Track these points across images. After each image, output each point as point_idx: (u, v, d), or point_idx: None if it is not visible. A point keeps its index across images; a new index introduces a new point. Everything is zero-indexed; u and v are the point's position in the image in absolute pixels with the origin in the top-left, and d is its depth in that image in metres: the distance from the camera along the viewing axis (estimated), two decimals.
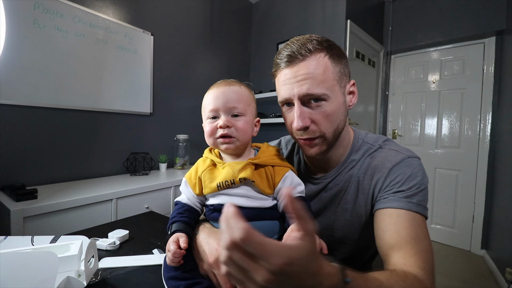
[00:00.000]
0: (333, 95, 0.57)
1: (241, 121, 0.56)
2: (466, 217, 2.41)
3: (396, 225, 0.52)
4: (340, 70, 0.59)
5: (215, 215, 0.57)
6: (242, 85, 0.60)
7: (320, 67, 0.56)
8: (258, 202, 0.55)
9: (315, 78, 0.55)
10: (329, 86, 0.57)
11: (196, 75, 2.32)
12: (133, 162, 1.84)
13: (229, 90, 0.57)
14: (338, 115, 0.59)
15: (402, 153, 0.60)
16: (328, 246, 0.69)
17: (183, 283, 0.50)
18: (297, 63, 0.57)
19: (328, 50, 0.58)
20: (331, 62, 0.57)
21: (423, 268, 0.46)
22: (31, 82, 1.41)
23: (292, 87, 0.57)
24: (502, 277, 1.79)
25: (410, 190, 0.55)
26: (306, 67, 0.56)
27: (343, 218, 0.65)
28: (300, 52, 0.56)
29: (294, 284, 0.30)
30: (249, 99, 0.59)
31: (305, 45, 0.57)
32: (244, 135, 0.57)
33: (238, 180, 0.54)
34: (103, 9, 1.71)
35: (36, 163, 1.45)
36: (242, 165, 0.54)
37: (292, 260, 0.28)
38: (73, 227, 1.17)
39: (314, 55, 0.56)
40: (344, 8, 2.13)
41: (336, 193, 0.66)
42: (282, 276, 0.28)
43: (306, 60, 0.56)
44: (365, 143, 0.66)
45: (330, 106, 0.58)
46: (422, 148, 2.68)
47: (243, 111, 0.57)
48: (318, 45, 0.57)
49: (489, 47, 2.30)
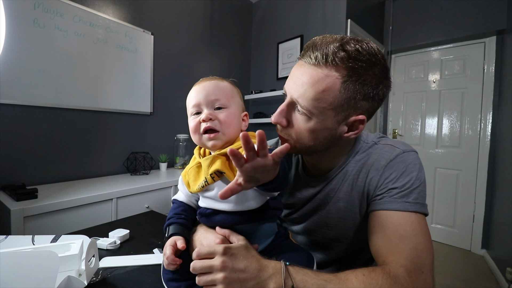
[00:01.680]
0: (320, 117, 0.52)
1: (224, 113, 0.54)
2: (466, 216, 2.41)
3: (383, 226, 0.52)
4: (351, 99, 0.50)
5: (203, 220, 0.57)
6: (225, 80, 0.59)
7: (323, 85, 0.49)
8: (243, 206, 0.52)
9: (310, 92, 0.50)
10: (320, 107, 0.51)
11: (196, 74, 2.32)
12: (133, 162, 1.84)
13: (209, 84, 0.56)
14: (317, 136, 0.54)
15: (398, 148, 0.58)
16: (323, 244, 0.70)
17: (184, 284, 0.50)
18: (309, 65, 0.51)
19: (350, 71, 0.48)
20: (342, 86, 0.49)
21: (402, 265, 0.45)
22: (31, 82, 1.41)
23: (291, 85, 0.55)
24: (503, 276, 1.79)
25: (404, 187, 0.53)
26: (311, 76, 0.50)
27: (337, 216, 0.64)
28: (318, 56, 0.49)
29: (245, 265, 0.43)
30: (232, 92, 0.58)
31: (327, 54, 0.49)
32: (228, 127, 0.54)
33: (210, 177, 0.50)
34: (103, 8, 1.71)
35: (36, 163, 1.45)
36: (211, 158, 0.51)
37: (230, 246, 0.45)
38: (74, 227, 1.17)
39: (328, 69, 0.49)
40: (345, 8, 2.13)
41: (329, 191, 0.65)
42: (229, 257, 0.43)
43: (318, 68, 0.50)
44: (363, 143, 0.65)
45: (311, 124, 0.53)
46: (423, 148, 2.68)
47: (226, 103, 0.55)
48: (341, 60, 0.48)
49: (489, 47, 2.29)
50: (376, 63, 0.50)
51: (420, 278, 0.45)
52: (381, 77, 0.51)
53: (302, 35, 2.40)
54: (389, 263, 0.46)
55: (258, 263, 0.44)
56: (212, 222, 0.54)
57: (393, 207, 0.52)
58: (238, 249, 0.45)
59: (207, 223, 0.56)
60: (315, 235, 0.70)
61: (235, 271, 0.42)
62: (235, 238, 0.49)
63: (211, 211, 0.54)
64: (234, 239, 0.49)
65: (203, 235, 0.54)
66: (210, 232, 0.53)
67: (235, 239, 0.48)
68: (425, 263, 0.46)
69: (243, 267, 0.43)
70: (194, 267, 0.44)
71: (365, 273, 0.44)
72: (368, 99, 0.51)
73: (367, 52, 0.49)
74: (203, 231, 0.55)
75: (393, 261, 0.46)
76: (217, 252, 0.43)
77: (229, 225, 0.53)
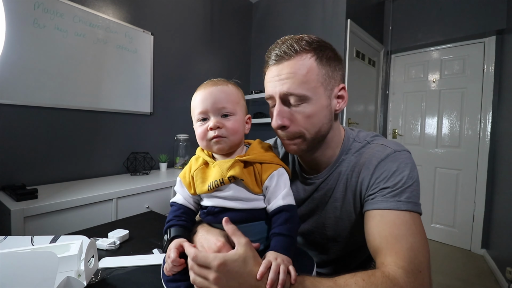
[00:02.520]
0: (315, 97, 0.56)
1: (231, 121, 0.56)
2: (466, 216, 2.41)
3: (378, 226, 0.52)
4: (327, 72, 0.58)
5: (209, 218, 0.57)
6: (230, 83, 0.59)
7: (304, 68, 0.55)
8: (251, 204, 0.54)
9: (297, 78, 0.55)
10: (311, 88, 0.56)
11: (196, 74, 2.32)
12: (133, 162, 1.84)
13: (216, 90, 0.56)
14: (320, 117, 0.58)
15: (389, 147, 0.59)
16: (321, 244, 0.71)
17: (183, 284, 0.50)
18: (282, 62, 0.56)
19: (316, 51, 0.57)
20: (317, 63, 0.57)
21: (401, 266, 0.45)
22: (31, 82, 1.41)
23: (275, 85, 0.57)
24: (503, 276, 1.79)
25: (396, 186, 0.53)
26: (290, 67, 0.56)
27: (333, 216, 0.65)
28: (286, 51, 0.56)
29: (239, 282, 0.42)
30: (238, 97, 0.58)
31: (292, 45, 0.56)
32: (235, 134, 0.56)
33: (227, 179, 0.53)
34: (103, 8, 1.71)
35: (36, 163, 1.45)
36: (230, 163, 0.53)
37: (226, 261, 0.42)
38: (74, 227, 1.17)
39: (300, 55, 0.56)
40: (344, 8, 2.13)
41: (326, 191, 0.65)
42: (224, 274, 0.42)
43: (292, 59, 0.56)
44: (355, 142, 0.65)
45: (311, 108, 0.57)
46: (422, 148, 2.68)
47: (233, 111, 0.56)
48: (306, 45, 0.56)
49: (489, 47, 2.29)
50: (326, 45, 0.60)
51: (418, 278, 0.45)
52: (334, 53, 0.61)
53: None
54: (388, 264, 0.47)
55: (253, 281, 0.43)
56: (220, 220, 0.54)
57: (385, 206, 0.53)
58: (234, 263, 0.43)
59: (214, 220, 0.56)
60: (313, 236, 0.71)
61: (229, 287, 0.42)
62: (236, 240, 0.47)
63: (220, 209, 0.55)
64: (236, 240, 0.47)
65: (204, 236, 0.54)
66: (211, 234, 0.53)
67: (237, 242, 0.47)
68: (422, 262, 0.47)
69: (237, 285, 0.42)
70: (192, 268, 0.45)
71: (365, 278, 0.44)
72: (338, 69, 0.60)
73: (317, 39, 0.59)
74: (204, 233, 0.55)
75: (391, 263, 0.46)
76: (212, 267, 0.42)
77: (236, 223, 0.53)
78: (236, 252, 0.44)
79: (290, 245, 0.50)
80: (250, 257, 0.44)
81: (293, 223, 0.52)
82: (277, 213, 0.53)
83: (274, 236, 0.51)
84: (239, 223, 0.53)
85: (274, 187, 0.54)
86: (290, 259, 0.47)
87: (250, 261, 0.44)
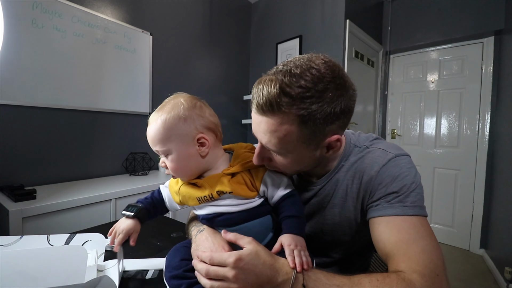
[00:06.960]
0: (294, 152, 0.52)
1: (169, 162, 0.56)
2: (465, 216, 2.42)
3: (386, 233, 0.51)
4: (313, 132, 0.49)
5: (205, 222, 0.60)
6: (161, 116, 0.54)
7: (282, 131, 0.48)
8: (244, 206, 0.56)
9: (274, 137, 0.50)
10: (290, 147, 0.51)
11: (195, 75, 2.31)
12: (132, 162, 1.83)
13: (149, 133, 0.57)
14: (300, 164, 0.56)
15: (390, 153, 0.57)
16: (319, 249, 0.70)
17: (185, 282, 0.51)
18: (261, 115, 0.49)
19: (301, 110, 0.46)
20: (299, 126, 0.47)
21: (415, 271, 0.44)
22: (29, 82, 1.40)
23: (256, 131, 0.53)
24: (501, 276, 1.80)
25: (401, 191, 0.52)
26: (269, 124, 0.49)
27: (332, 222, 0.64)
28: (264, 107, 0.48)
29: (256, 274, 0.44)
30: (167, 133, 0.54)
31: (272, 103, 0.46)
32: (177, 172, 0.56)
33: (216, 194, 0.54)
34: (102, 9, 1.71)
35: (35, 163, 1.44)
36: (217, 178, 0.55)
37: (241, 255, 0.44)
38: (72, 228, 1.17)
39: (279, 117, 0.47)
40: (343, 8, 2.13)
41: (324, 197, 0.64)
42: (241, 269, 0.43)
43: (270, 117, 0.48)
44: (356, 147, 0.63)
45: (290, 159, 0.54)
46: (421, 148, 2.69)
47: (166, 150, 0.55)
48: (288, 106, 0.46)
49: (487, 47, 2.30)
50: (326, 88, 0.46)
51: (436, 282, 0.44)
52: (337, 95, 0.47)
53: (301, 35, 2.41)
54: (402, 270, 0.45)
55: (269, 270, 0.45)
56: (216, 224, 0.58)
57: (391, 212, 0.52)
58: (248, 257, 0.45)
59: (210, 225, 0.59)
60: (310, 241, 0.70)
61: (248, 282, 0.44)
62: (242, 242, 0.49)
63: (215, 214, 0.57)
64: (241, 242, 0.49)
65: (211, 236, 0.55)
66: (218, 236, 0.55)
67: (242, 243, 0.48)
68: (438, 265, 0.45)
69: (255, 278, 0.44)
70: (208, 272, 0.46)
71: (380, 278, 0.44)
72: (333, 122, 0.49)
73: (312, 84, 0.45)
74: (211, 233, 0.57)
75: (405, 268, 0.45)
76: (229, 264, 0.44)
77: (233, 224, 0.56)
78: (248, 248, 0.47)
79: (301, 224, 0.54)
80: (260, 250, 0.47)
81: (299, 205, 0.57)
82: (282, 201, 0.56)
83: (284, 219, 0.54)
84: (236, 224, 0.55)
85: (271, 186, 0.57)
86: (303, 241, 0.50)
87: (261, 253, 0.46)
